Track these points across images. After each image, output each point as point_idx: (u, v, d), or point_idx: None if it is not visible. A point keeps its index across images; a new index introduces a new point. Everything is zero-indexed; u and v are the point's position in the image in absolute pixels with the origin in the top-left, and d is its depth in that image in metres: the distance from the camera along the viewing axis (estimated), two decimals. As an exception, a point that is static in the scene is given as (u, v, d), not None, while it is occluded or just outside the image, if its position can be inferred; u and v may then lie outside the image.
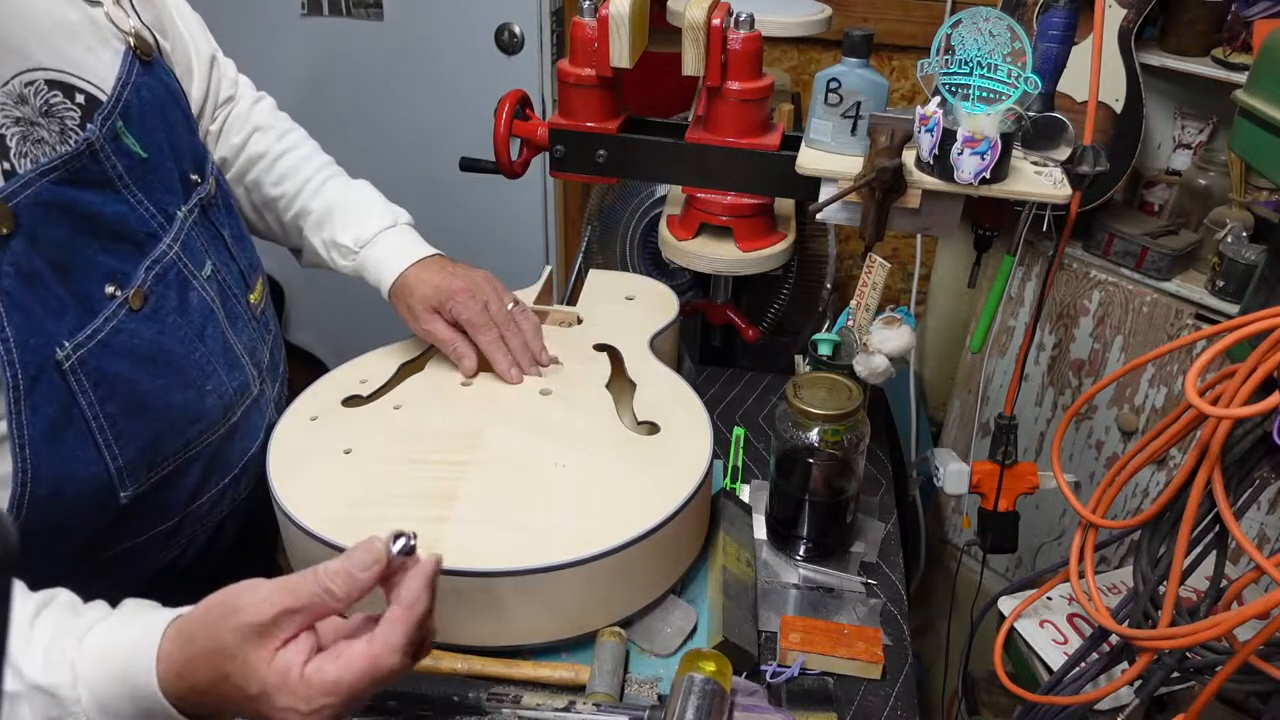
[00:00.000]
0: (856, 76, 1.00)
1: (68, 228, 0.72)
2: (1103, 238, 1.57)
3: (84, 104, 0.74)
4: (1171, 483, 0.77)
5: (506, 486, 0.89)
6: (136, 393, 0.77)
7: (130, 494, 0.79)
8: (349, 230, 1.03)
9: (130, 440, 0.77)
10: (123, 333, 0.76)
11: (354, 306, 1.91)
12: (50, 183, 0.70)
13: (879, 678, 0.90)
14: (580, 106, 1.16)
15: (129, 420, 0.77)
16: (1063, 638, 1.03)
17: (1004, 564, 1.85)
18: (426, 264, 1.03)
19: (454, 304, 1.01)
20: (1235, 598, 0.80)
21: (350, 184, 1.08)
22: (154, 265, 0.79)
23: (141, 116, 0.79)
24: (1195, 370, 0.69)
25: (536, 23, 1.93)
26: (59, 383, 0.71)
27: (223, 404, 0.87)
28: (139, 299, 0.77)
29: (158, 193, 0.80)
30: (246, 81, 1.06)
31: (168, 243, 0.81)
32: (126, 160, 0.77)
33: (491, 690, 0.82)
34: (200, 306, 0.84)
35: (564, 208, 2.18)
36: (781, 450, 1.01)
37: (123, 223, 0.77)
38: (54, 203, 0.71)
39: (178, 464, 0.84)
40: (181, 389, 0.82)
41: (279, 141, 1.05)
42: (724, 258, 1.23)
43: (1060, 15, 0.99)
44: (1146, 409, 1.57)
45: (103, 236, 0.75)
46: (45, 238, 0.70)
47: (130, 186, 0.77)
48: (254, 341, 0.94)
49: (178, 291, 0.82)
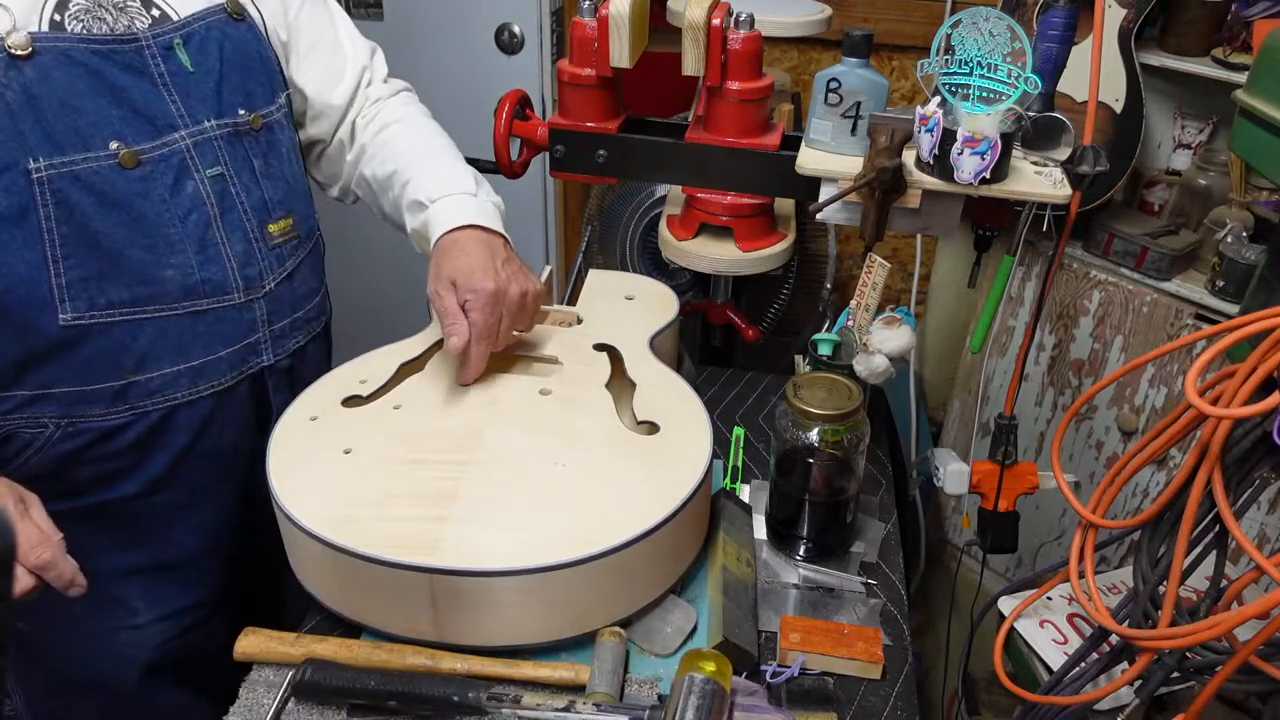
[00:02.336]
0: (856, 76, 1.00)
1: (87, 84, 0.87)
2: (1103, 238, 1.57)
3: (156, 17, 0.92)
4: (1171, 483, 0.77)
5: (506, 486, 0.89)
6: (91, 228, 0.89)
7: (70, 320, 0.90)
8: (428, 187, 1.05)
9: (75, 265, 0.89)
10: (100, 176, 0.89)
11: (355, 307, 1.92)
12: (88, 50, 0.87)
13: (879, 678, 0.90)
14: (580, 106, 1.16)
15: (78, 247, 0.89)
16: (1063, 638, 1.03)
17: (1004, 564, 1.85)
18: (480, 235, 1.01)
19: (471, 299, 0.96)
20: (1235, 598, 0.80)
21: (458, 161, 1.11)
22: (161, 147, 0.92)
23: (204, 45, 0.95)
24: (1195, 370, 0.69)
25: (536, 23, 1.93)
26: (22, 186, 0.85)
27: (183, 284, 0.95)
28: (131, 159, 0.90)
29: (193, 100, 0.95)
30: (409, 93, 1.21)
31: (181, 134, 0.94)
32: (173, 66, 0.93)
33: (491, 690, 0.82)
34: (193, 195, 0.95)
35: (564, 208, 2.18)
36: (781, 450, 1.01)
37: (147, 105, 0.91)
38: (82, 62, 0.87)
39: (124, 318, 0.93)
40: (141, 248, 0.92)
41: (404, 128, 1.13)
42: (724, 258, 1.23)
43: (1060, 15, 0.99)
44: (1146, 409, 1.57)
45: (122, 106, 0.89)
46: (61, 81, 0.85)
47: (169, 85, 0.93)
48: (250, 258, 1.01)
49: (176, 174, 0.94)
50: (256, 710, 0.84)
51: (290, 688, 0.84)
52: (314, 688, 0.83)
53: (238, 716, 0.84)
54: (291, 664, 0.86)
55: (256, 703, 0.85)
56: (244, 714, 0.84)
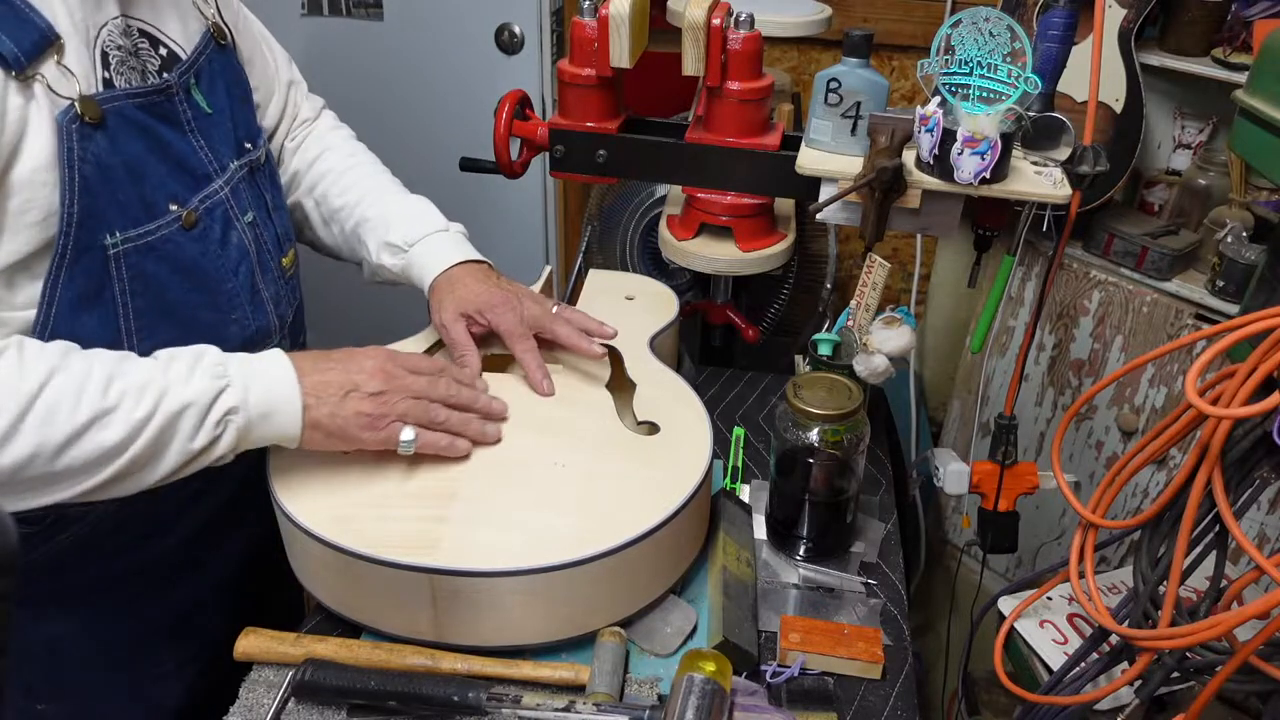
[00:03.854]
0: (856, 76, 1.00)
1: (143, 145, 0.84)
2: (1103, 238, 1.57)
3: (165, 56, 0.88)
4: (1171, 483, 0.77)
5: (506, 486, 0.89)
6: (166, 298, 0.86)
7: None
8: (401, 231, 1.07)
9: (150, 336, 0.85)
10: (170, 242, 0.86)
11: (355, 308, 1.92)
12: (134, 105, 0.82)
13: (879, 678, 0.90)
14: (580, 106, 1.16)
15: (153, 318, 0.85)
16: (1063, 638, 1.03)
17: (1004, 564, 1.85)
18: (472, 268, 1.05)
19: (493, 314, 1.01)
20: (1235, 598, 0.80)
21: (409, 197, 1.12)
22: (206, 199, 0.90)
23: (211, 81, 0.93)
24: (1195, 370, 0.69)
25: (536, 23, 1.93)
26: (99, 264, 0.80)
27: (243, 336, 0.94)
28: (191, 219, 0.88)
29: (216, 143, 0.92)
30: (330, 113, 1.19)
31: (219, 184, 0.92)
32: (194, 110, 0.90)
33: (491, 690, 0.82)
34: (239, 245, 0.94)
35: (564, 208, 2.18)
36: (781, 450, 1.01)
37: (185, 157, 0.88)
38: (134, 121, 0.82)
39: None
40: (209, 309, 0.91)
41: (347, 159, 1.14)
42: (724, 258, 1.23)
43: (1060, 15, 0.99)
44: (1146, 409, 1.57)
45: (169, 162, 0.87)
46: (124, 145, 0.81)
47: (195, 131, 0.90)
48: (280, 296, 1.01)
49: (221, 227, 0.92)
50: (256, 710, 0.84)
51: (290, 688, 0.84)
52: (314, 688, 0.83)
53: (238, 716, 0.84)
54: (291, 664, 0.86)
55: (256, 703, 0.85)
56: (244, 714, 0.84)
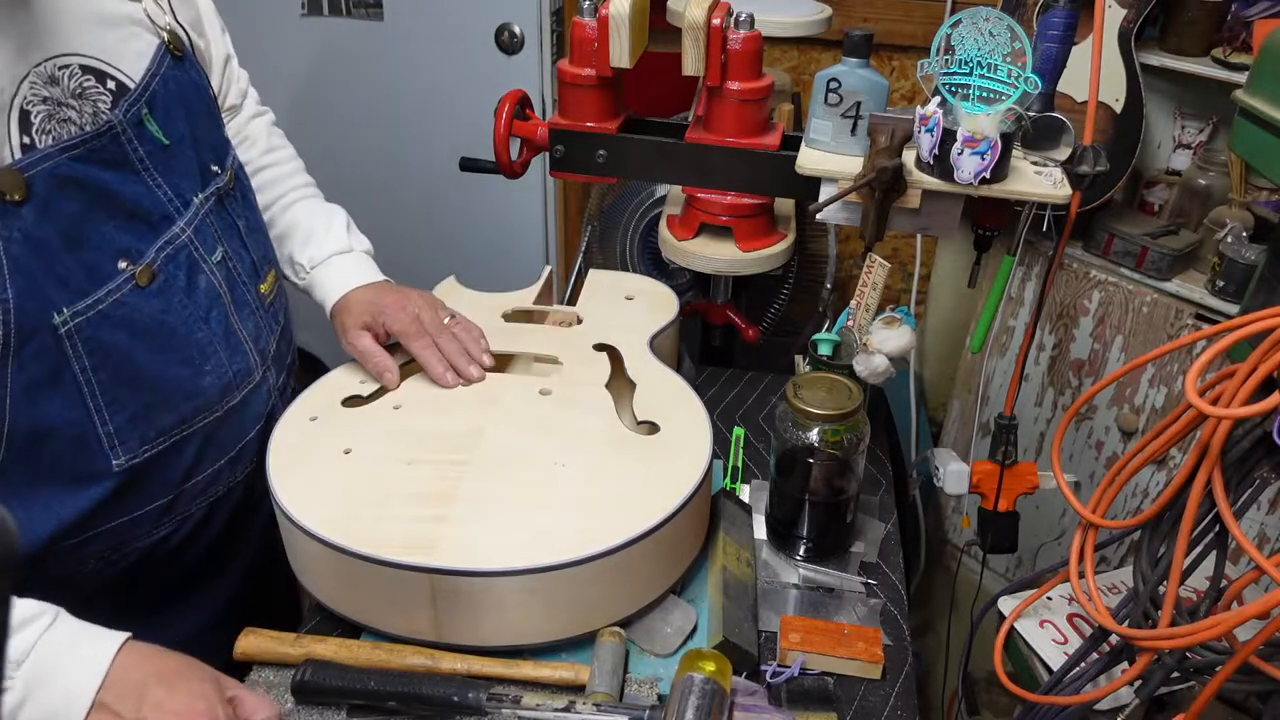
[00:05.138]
0: (856, 76, 1.00)
1: (81, 202, 0.76)
2: (1103, 238, 1.57)
3: (114, 90, 0.79)
4: (1171, 483, 0.77)
5: (506, 486, 0.89)
6: (132, 364, 0.81)
7: (124, 463, 0.82)
8: (306, 249, 1.07)
9: (121, 408, 0.81)
10: (125, 305, 0.79)
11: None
12: (70, 159, 0.74)
13: (879, 678, 0.90)
14: (580, 106, 1.16)
15: (121, 389, 0.80)
16: (1063, 638, 1.03)
17: (1004, 564, 1.85)
18: (367, 288, 1.06)
19: (385, 317, 1.02)
20: (1235, 598, 0.80)
21: (320, 206, 1.11)
22: (166, 246, 0.83)
23: (167, 106, 0.84)
24: (1195, 370, 0.69)
25: (536, 23, 1.93)
26: (51, 345, 0.75)
27: (221, 385, 0.90)
28: (146, 275, 0.81)
29: (176, 178, 0.85)
30: (254, 95, 1.11)
31: (181, 225, 0.85)
32: (149, 145, 0.81)
33: (491, 690, 0.82)
34: (208, 289, 0.88)
35: (564, 208, 2.18)
36: (781, 450, 1.01)
37: (139, 203, 0.81)
38: (70, 177, 0.75)
39: (174, 439, 0.87)
40: (179, 365, 0.85)
41: (263, 156, 1.09)
42: (724, 258, 1.23)
43: (1060, 15, 0.99)
44: (1146, 409, 1.57)
45: (118, 215, 0.79)
46: (58, 210, 0.74)
47: (150, 170, 0.82)
48: (259, 329, 0.97)
49: (186, 273, 0.85)
50: (256, 710, 0.84)
51: (290, 688, 0.84)
52: (314, 688, 0.83)
53: (238, 716, 0.84)
54: (291, 664, 0.86)
55: (256, 703, 0.85)
56: (244, 714, 0.84)
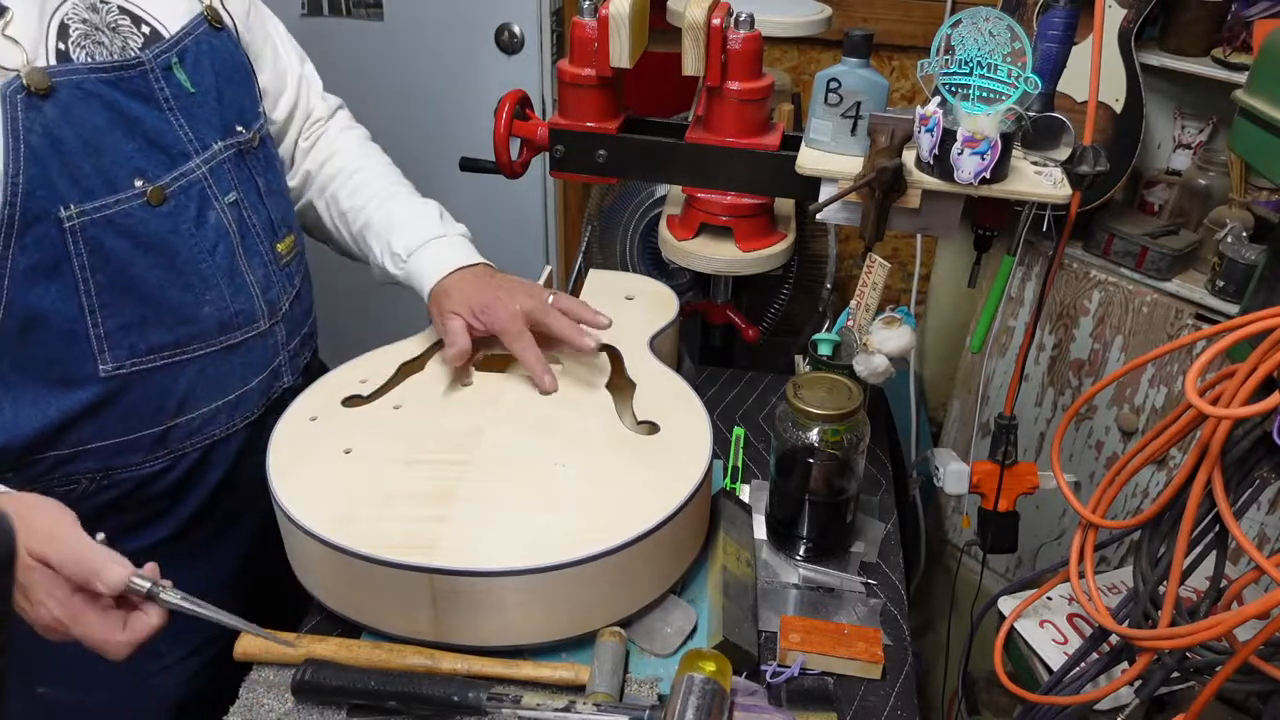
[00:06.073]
0: (856, 76, 1.00)
1: (105, 119, 0.83)
2: (1103, 238, 1.57)
3: (148, 35, 0.88)
4: (1171, 483, 0.77)
5: (506, 486, 0.89)
6: (129, 274, 0.86)
7: (111, 370, 0.86)
8: (402, 239, 1.08)
9: (114, 313, 0.85)
10: (132, 217, 0.85)
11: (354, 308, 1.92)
12: (99, 80, 0.82)
13: (879, 678, 0.90)
14: (580, 106, 1.16)
15: (116, 294, 0.85)
16: (1063, 638, 1.03)
17: (1004, 564, 1.85)
18: (466, 273, 1.05)
19: (488, 316, 1.01)
20: (1235, 598, 0.80)
21: (414, 200, 1.13)
22: (180, 178, 0.89)
23: (196, 61, 0.92)
24: (1195, 370, 0.69)
25: (536, 23, 1.93)
26: (55, 236, 0.80)
27: (219, 319, 0.94)
28: (158, 196, 0.87)
29: (199, 123, 0.92)
30: (346, 114, 1.20)
31: (197, 163, 0.91)
32: (175, 89, 0.89)
33: (491, 690, 0.82)
34: (216, 225, 0.93)
35: (564, 208, 2.18)
36: (781, 450, 1.01)
37: (160, 136, 0.88)
38: (96, 94, 0.82)
39: (166, 362, 0.90)
40: (179, 289, 0.90)
41: (357, 161, 1.15)
42: (724, 258, 1.23)
43: (1060, 15, 0.99)
44: (1146, 409, 1.57)
45: (138, 139, 0.86)
46: (81, 117, 0.81)
47: (174, 110, 0.89)
48: (270, 281, 1.00)
49: (198, 205, 0.91)
50: (256, 710, 0.84)
51: (290, 688, 0.84)
52: (314, 688, 0.83)
53: (238, 716, 0.84)
54: (291, 664, 0.86)
55: (256, 703, 0.85)
56: (244, 714, 0.84)
